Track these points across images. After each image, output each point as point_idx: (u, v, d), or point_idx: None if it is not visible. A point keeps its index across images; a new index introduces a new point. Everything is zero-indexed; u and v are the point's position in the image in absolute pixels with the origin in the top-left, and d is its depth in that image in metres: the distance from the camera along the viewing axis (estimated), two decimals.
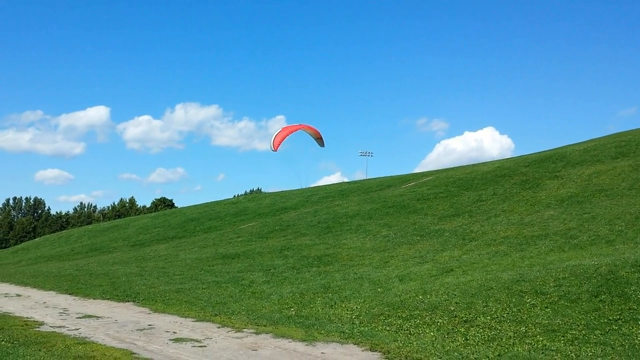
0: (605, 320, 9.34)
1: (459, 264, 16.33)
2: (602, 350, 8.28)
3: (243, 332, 11.09)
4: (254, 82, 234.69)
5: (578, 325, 9.34)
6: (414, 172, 59.79)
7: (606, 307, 9.86)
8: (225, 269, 20.70)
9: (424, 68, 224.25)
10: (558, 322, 9.60)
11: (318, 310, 12.84)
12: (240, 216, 42.00)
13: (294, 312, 12.82)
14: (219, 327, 11.61)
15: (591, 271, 11.63)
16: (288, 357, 8.95)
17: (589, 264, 12.28)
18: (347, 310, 12.52)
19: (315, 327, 11.16)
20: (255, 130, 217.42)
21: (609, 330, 8.97)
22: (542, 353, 8.47)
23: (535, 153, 41.27)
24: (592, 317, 9.56)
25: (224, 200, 59.92)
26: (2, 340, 9.87)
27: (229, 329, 11.37)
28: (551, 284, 11.41)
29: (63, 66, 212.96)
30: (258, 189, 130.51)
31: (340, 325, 11.28)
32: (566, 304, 10.35)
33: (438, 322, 10.68)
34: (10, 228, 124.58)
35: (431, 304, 11.68)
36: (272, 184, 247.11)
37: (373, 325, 11.13)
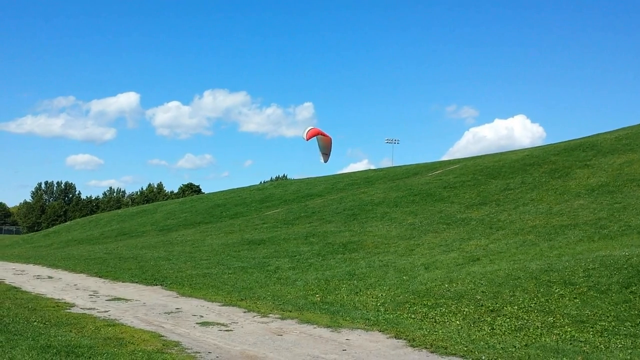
0: (636, 312, 9.19)
1: (485, 252, 16.20)
2: (632, 343, 8.16)
3: (269, 317, 11.17)
4: (282, 69, 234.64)
5: (608, 317, 9.21)
6: (441, 159, 59.31)
7: (637, 298, 9.69)
8: (251, 255, 20.85)
9: (454, 54, 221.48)
10: (587, 313, 9.48)
11: (343, 297, 12.87)
12: (266, 202, 42.17)
13: (319, 299, 12.87)
14: (244, 312, 11.71)
15: (622, 262, 11.43)
16: (313, 343, 8.99)
17: (620, 255, 12.07)
18: (372, 297, 12.53)
19: (340, 313, 11.19)
20: (283, 117, 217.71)
21: None
22: (571, 344, 8.37)
23: (565, 141, 40.60)
24: (622, 309, 9.41)
25: (250, 186, 60.16)
26: (35, 321, 10.08)
27: (255, 314, 11.46)
28: (580, 275, 11.25)
29: (95, 52, 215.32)
30: (284, 175, 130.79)
31: (365, 312, 11.29)
32: (595, 294, 10.20)
33: (464, 311, 10.63)
34: (42, 212, 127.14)
35: (457, 293, 11.62)
36: (298, 171, 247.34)
37: (398, 313, 11.12)
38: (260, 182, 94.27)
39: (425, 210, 26.17)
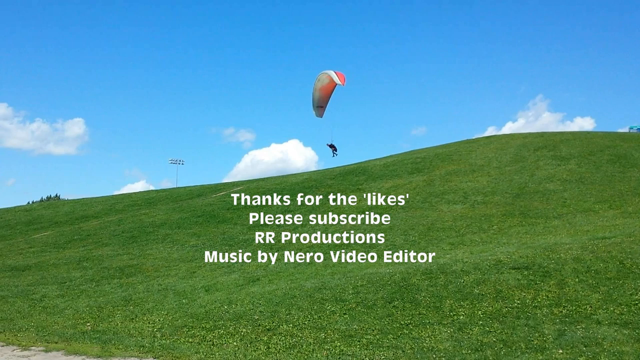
0: (398, 325, 10.00)
1: (265, 273, 16.51)
2: (393, 354, 8.83)
3: (30, 350, 10.11)
4: (49, 80, 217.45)
5: (373, 330, 9.88)
6: (224, 181, 59.64)
7: (399, 312, 10.57)
8: (13, 282, 18.73)
9: (224, 77, 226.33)
10: (355, 328, 10.08)
11: (117, 324, 12.12)
12: (34, 224, 38.43)
13: (89, 327, 11.96)
14: (2, 346, 10.46)
15: (386, 279, 12.42)
16: None
17: (385, 272, 13.12)
18: (149, 323, 11.99)
19: (113, 342, 10.52)
20: (50, 132, 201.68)
21: (401, 334, 9.62)
22: (339, 358, 8.81)
23: (340, 167, 43.44)
24: (385, 322, 10.18)
25: (15, 207, 54.48)
26: None
27: (14, 348, 10.31)
28: (350, 291, 11.98)
29: None
30: (57, 195, 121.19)
31: (140, 339, 10.75)
32: (363, 310, 10.92)
33: (242, 331, 10.66)
34: None
35: (236, 314, 11.63)
36: (73, 191, 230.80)
37: (175, 337, 10.77)
38: (28, 203, 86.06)
39: (208, 231, 25.99)
